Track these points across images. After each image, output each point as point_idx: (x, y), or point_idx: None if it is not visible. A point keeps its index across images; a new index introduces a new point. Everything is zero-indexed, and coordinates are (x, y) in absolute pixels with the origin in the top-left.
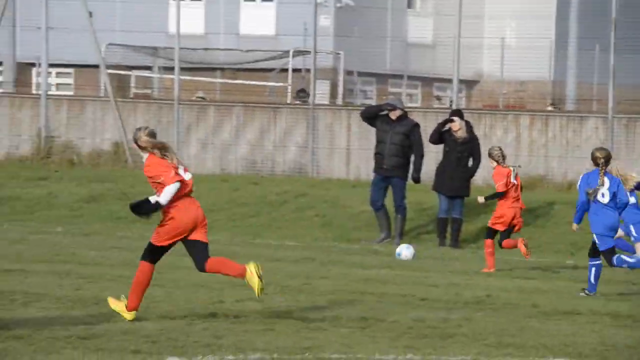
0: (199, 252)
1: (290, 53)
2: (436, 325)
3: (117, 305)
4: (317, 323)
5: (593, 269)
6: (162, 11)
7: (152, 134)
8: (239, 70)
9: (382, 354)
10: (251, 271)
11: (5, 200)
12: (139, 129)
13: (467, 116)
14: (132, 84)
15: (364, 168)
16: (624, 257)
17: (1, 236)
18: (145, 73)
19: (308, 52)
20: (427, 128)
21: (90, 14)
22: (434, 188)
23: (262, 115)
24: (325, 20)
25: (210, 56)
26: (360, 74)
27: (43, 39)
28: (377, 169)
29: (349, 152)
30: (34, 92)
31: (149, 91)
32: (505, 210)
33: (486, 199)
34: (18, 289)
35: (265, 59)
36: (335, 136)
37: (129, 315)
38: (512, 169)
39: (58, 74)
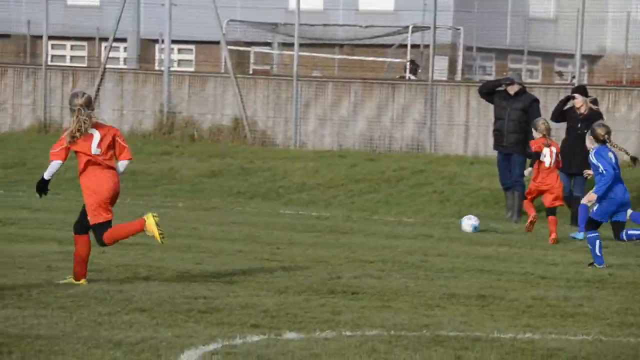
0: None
1: (409, 29)
2: (556, 303)
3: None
4: (434, 300)
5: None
6: None
7: (87, 101)
8: (357, 46)
9: (501, 333)
10: (149, 221)
11: (128, 175)
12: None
13: (589, 92)
14: (252, 60)
15: (483, 144)
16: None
17: (125, 210)
18: (265, 49)
19: (427, 28)
20: (547, 105)
21: None
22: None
23: (380, 91)
24: None
25: (329, 32)
26: (479, 49)
27: (166, 15)
28: (497, 146)
29: (468, 129)
30: (156, 68)
31: (268, 67)
32: (531, 185)
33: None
34: (141, 262)
35: (384, 35)
36: (454, 112)
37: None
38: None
39: (180, 50)
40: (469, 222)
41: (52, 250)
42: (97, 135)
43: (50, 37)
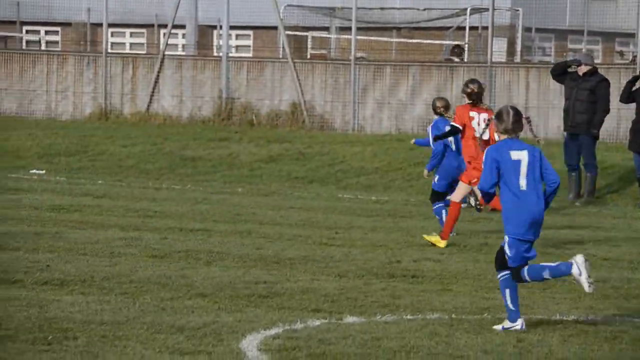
0: None
1: (468, 11)
2: (619, 285)
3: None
4: (495, 283)
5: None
6: None
7: None
8: (415, 29)
9: (563, 315)
10: None
11: (188, 161)
12: None
13: None
14: (309, 45)
15: (542, 126)
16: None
17: (185, 196)
18: (322, 34)
19: (486, 10)
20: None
21: None
22: (629, 147)
23: (439, 74)
24: None
25: (387, 15)
26: (538, 30)
27: (224, 1)
28: (565, 126)
29: (527, 110)
30: (215, 54)
31: (325, 52)
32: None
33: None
34: (202, 248)
35: (442, 17)
36: (513, 94)
37: None
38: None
39: (238, 36)
40: None
41: (115, 237)
42: None
43: (110, 25)
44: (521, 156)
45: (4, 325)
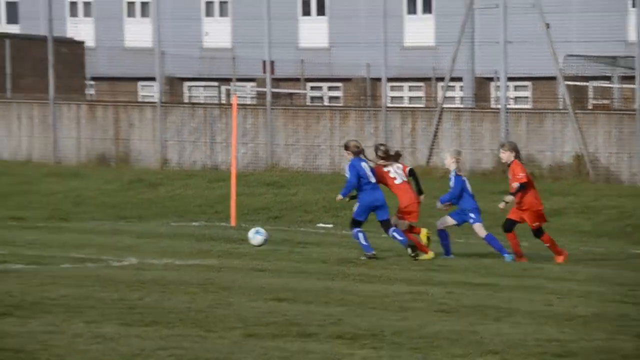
0: None
1: None
2: None
3: None
4: None
5: (360, 234)
6: (620, 20)
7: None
8: None
9: None
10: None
11: None
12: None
13: None
14: (590, 95)
15: None
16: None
17: (469, 250)
18: (604, 83)
19: None
20: None
21: (548, 26)
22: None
23: None
24: None
25: None
26: None
27: (501, 53)
28: None
29: None
30: (492, 106)
31: (607, 102)
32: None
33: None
34: (489, 303)
35: None
36: None
37: None
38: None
39: (516, 87)
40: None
41: (402, 291)
42: None
43: (389, 79)
44: None
45: None
